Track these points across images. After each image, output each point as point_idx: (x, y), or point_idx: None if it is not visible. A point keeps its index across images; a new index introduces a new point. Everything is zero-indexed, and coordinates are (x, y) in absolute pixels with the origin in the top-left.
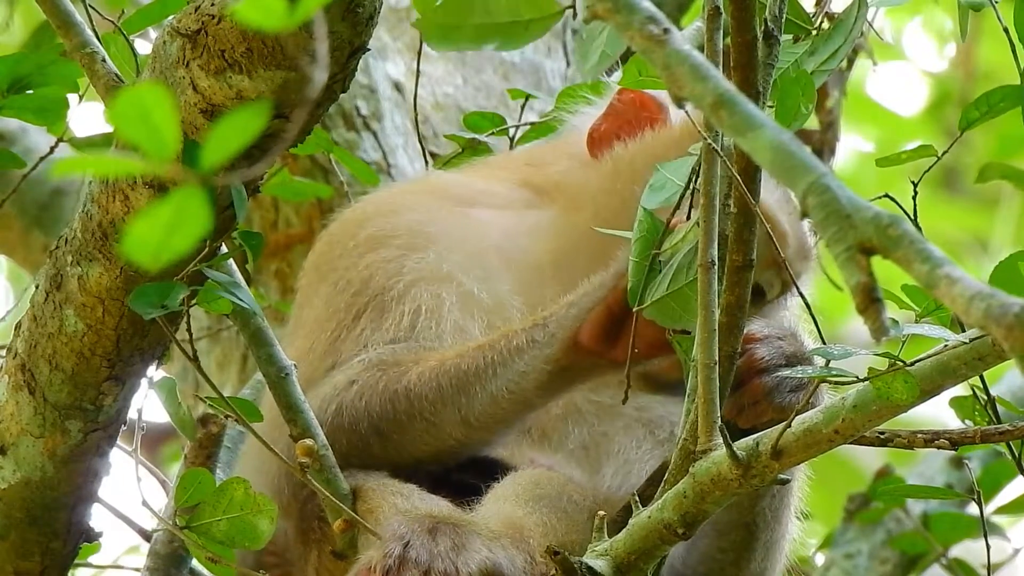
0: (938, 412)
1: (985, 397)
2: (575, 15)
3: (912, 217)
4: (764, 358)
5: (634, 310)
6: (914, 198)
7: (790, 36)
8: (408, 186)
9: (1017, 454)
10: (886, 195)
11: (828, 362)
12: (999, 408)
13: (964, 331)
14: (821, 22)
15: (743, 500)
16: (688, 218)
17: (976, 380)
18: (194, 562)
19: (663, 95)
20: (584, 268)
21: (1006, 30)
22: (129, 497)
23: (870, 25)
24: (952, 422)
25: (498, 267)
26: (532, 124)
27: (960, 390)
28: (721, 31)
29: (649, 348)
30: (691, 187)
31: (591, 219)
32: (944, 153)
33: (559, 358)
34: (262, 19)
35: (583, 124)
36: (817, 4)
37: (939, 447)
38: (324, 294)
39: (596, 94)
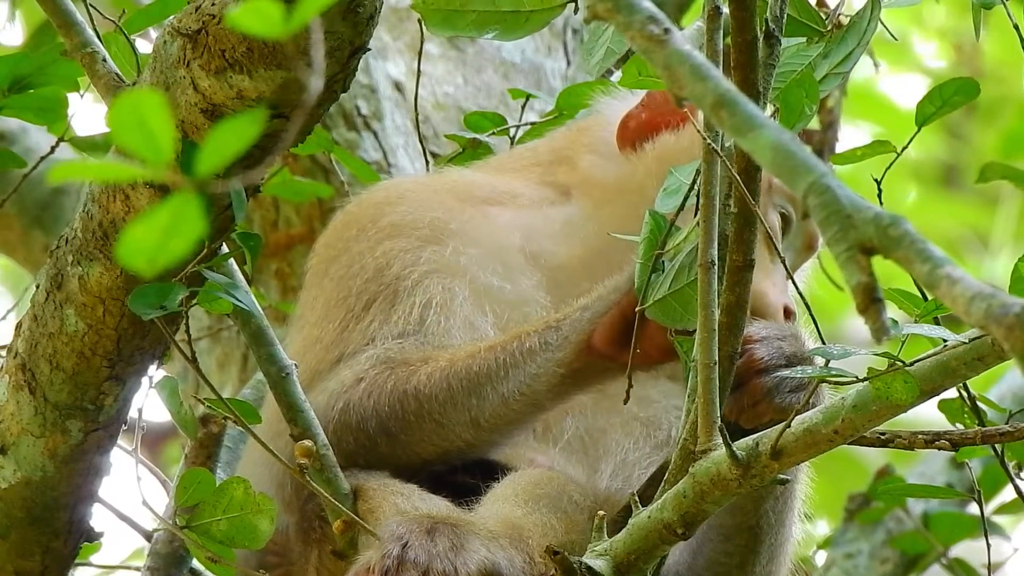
0: (939, 413)
1: (966, 395)
2: (576, 9)
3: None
4: (764, 358)
5: (636, 310)
6: (879, 195)
7: (803, 39)
8: (432, 181)
9: (1001, 453)
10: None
11: (828, 362)
12: (987, 410)
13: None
14: (833, 26)
15: (747, 503)
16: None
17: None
18: (194, 562)
19: None
20: (618, 263)
21: (1016, 27)
22: (129, 497)
23: (886, 27)
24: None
25: (522, 264)
26: (532, 124)
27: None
28: (721, 31)
29: (660, 352)
30: (695, 188)
31: (628, 212)
32: (904, 149)
33: (571, 361)
34: (259, 26)
35: (611, 115)
36: (818, 5)
37: (940, 448)
38: (336, 276)
39: (628, 88)
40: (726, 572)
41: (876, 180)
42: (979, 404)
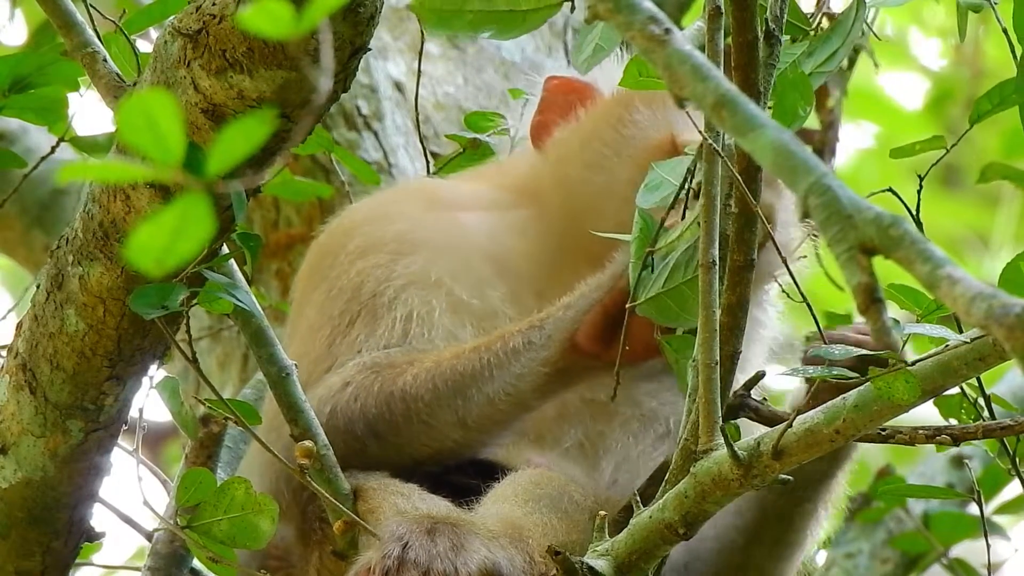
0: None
1: (976, 396)
2: (572, 8)
3: (915, 213)
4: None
5: (626, 307)
6: (919, 192)
7: (788, 37)
8: (395, 193)
9: (1013, 452)
10: (889, 189)
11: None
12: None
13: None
14: (819, 23)
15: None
16: (683, 217)
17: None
18: (195, 562)
19: (591, 77)
20: (564, 265)
21: (1005, 31)
22: (130, 497)
23: (869, 27)
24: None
25: (486, 271)
26: None
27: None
28: (722, 31)
29: (646, 349)
30: (686, 186)
31: (556, 212)
32: (953, 146)
33: (556, 360)
34: (268, 27)
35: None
36: (818, 5)
37: (941, 443)
38: (317, 302)
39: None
40: (731, 550)
41: (920, 176)
42: (983, 401)
